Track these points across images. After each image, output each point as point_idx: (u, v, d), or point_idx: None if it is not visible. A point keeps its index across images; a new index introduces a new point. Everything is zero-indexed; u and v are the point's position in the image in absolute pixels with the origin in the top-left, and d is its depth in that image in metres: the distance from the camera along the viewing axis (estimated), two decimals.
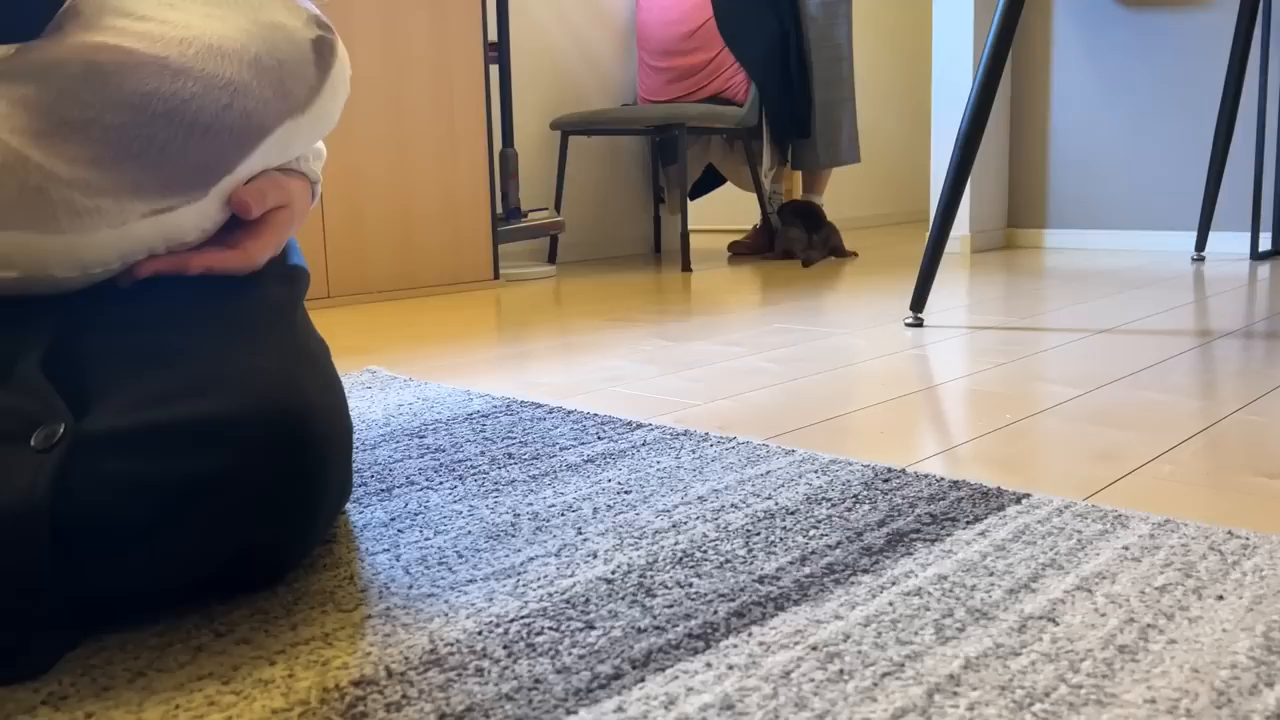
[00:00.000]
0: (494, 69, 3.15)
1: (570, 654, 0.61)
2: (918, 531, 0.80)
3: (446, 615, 0.67)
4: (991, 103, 1.79)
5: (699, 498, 0.90)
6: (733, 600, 0.68)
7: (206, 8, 0.80)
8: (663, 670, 0.59)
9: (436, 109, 2.57)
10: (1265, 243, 3.06)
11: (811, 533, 0.80)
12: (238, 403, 0.65)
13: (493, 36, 3.12)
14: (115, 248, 0.73)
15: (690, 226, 4.71)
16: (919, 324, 1.90)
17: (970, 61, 3.28)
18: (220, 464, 0.63)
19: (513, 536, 0.81)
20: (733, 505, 0.87)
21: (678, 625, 0.64)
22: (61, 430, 0.62)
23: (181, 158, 0.74)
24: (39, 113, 0.70)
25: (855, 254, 3.30)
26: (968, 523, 0.81)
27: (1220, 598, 0.66)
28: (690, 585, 0.70)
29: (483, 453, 1.06)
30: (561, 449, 1.07)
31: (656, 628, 0.64)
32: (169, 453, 0.62)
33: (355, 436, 1.14)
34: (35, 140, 0.69)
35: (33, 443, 0.61)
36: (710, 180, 3.76)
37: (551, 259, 3.32)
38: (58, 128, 0.70)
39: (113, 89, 0.72)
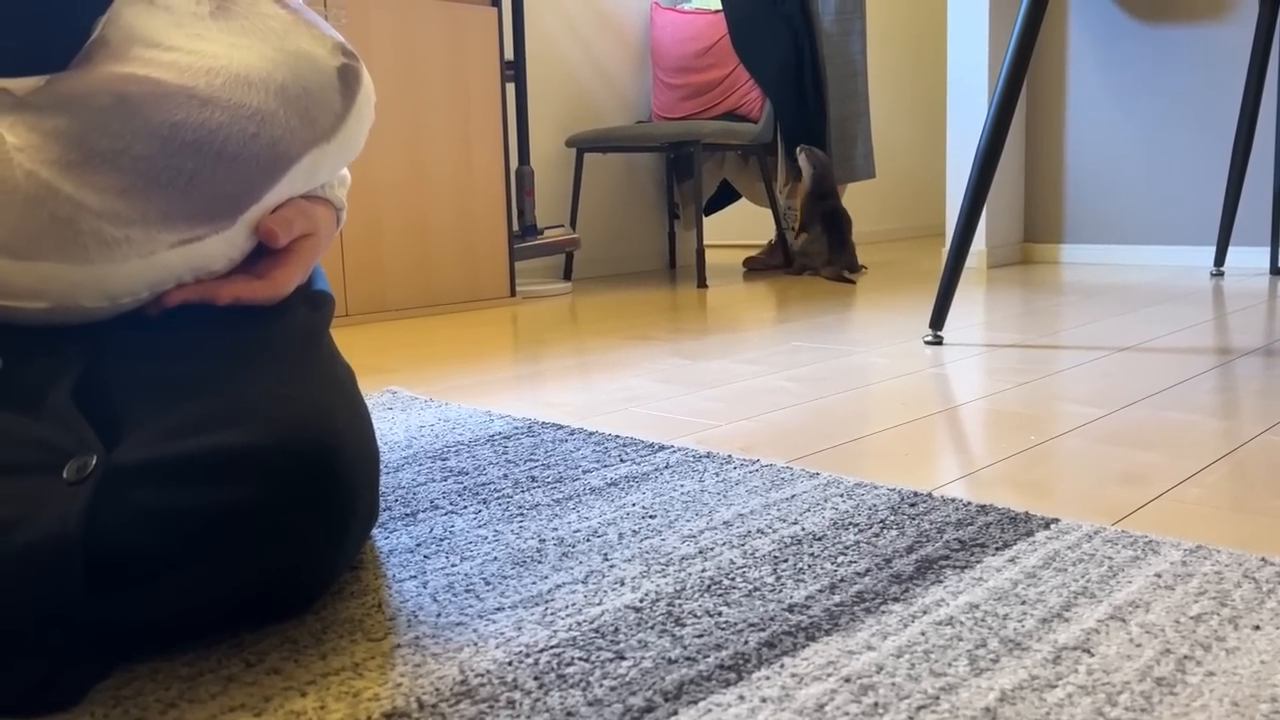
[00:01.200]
0: (510, 87, 3.16)
1: (601, 685, 0.61)
2: (947, 558, 0.79)
3: (476, 645, 0.67)
4: (1010, 122, 1.79)
5: (725, 523, 0.89)
6: (763, 630, 0.67)
7: (233, 37, 0.80)
8: (695, 703, 0.58)
9: (453, 127, 2.58)
10: None
11: (840, 559, 0.80)
12: (267, 432, 0.65)
13: (509, 55, 3.13)
14: (144, 278, 0.73)
15: (705, 242, 4.71)
16: (939, 342, 1.89)
17: (985, 75, 3.28)
18: (249, 494, 0.63)
19: (539, 563, 0.81)
20: (759, 530, 0.87)
21: (709, 656, 0.64)
22: (93, 462, 0.62)
23: (209, 187, 0.74)
24: (69, 144, 0.71)
25: (853, 281, 3.10)
26: (997, 549, 0.81)
27: (1257, 627, 0.65)
28: (720, 614, 0.70)
29: (505, 476, 1.06)
30: (584, 472, 1.07)
31: (687, 658, 0.64)
32: (199, 483, 0.62)
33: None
34: (65, 171, 0.70)
35: (65, 474, 0.62)
36: (725, 196, 3.77)
37: (567, 275, 3.32)
38: (87, 158, 0.71)
39: (141, 119, 0.73)
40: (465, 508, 0.96)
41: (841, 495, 0.96)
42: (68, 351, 0.73)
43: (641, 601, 0.73)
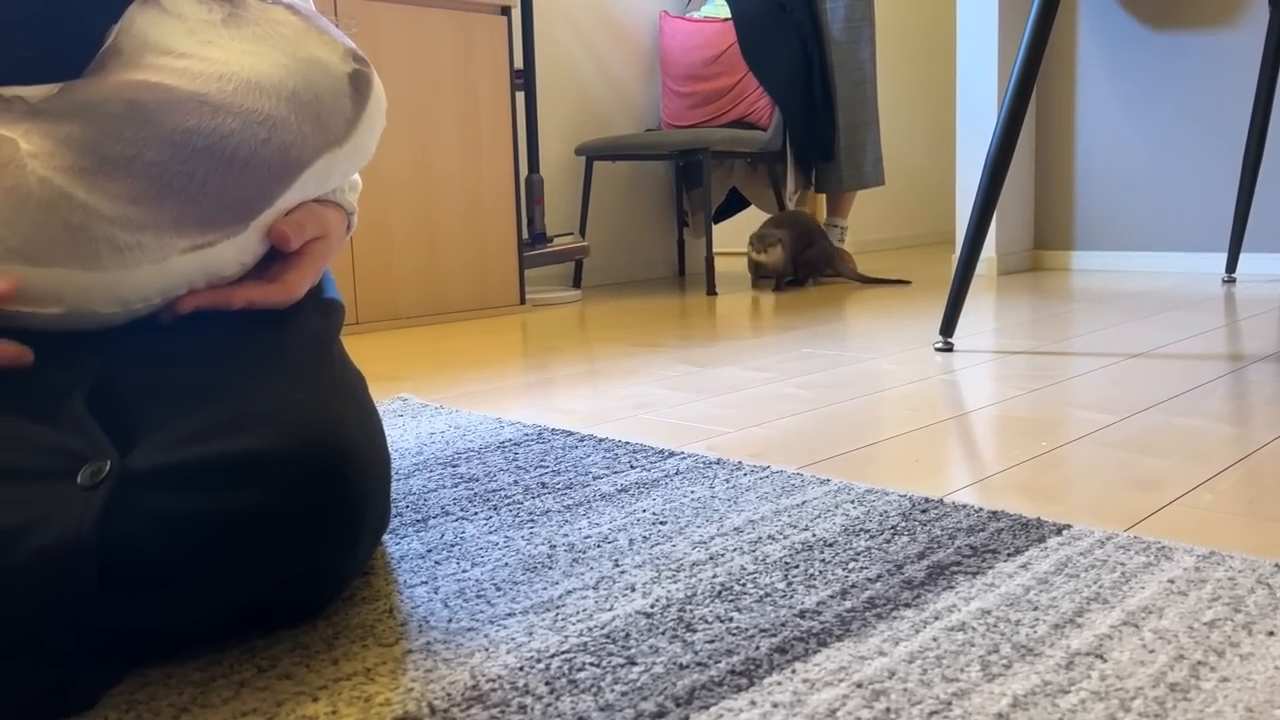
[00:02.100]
0: (520, 95, 3.17)
1: (613, 691, 0.61)
2: (958, 564, 0.79)
3: (487, 650, 0.67)
4: (1019, 128, 1.79)
5: (735, 529, 0.89)
6: (774, 635, 0.67)
7: (245, 44, 0.81)
8: (707, 708, 0.58)
9: (463, 136, 2.59)
10: None
11: (851, 565, 0.79)
12: (278, 438, 0.65)
13: (519, 63, 3.14)
14: (157, 283, 0.73)
15: (714, 250, 4.71)
16: (949, 349, 1.89)
17: (995, 82, 3.27)
18: (261, 499, 0.63)
19: (550, 569, 0.81)
20: (770, 536, 0.87)
21: (720, 661, 0.64)
22: (107, 467, 0.62)
23: (221, 193, 0.74)
24: (82, 151, 0.71)
25: (908, 281, 3.02)
26: (1009, 555, 0.80)
27: (1271, 633, 0.65)
28: (731, 620, 0.70)
29: (516, 482, 1.06)
30: (595, 478, 1.07)
31: (698, 664, 0.64)
32: (211, 488, 0.62)
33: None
34: (78, 178, 0.70)
35: (79, 480, 0.62)
36: (734, 204, 3.77)
37: (576, 283, 3.32)
38: (100, 165, 0.71)
39: (154, 126, 0.73)
40: (476, 514, 0.96)
41: (852, 501, 0.96)
42: (81, 357, 0.73)
43: (652, 607, 0.73)
